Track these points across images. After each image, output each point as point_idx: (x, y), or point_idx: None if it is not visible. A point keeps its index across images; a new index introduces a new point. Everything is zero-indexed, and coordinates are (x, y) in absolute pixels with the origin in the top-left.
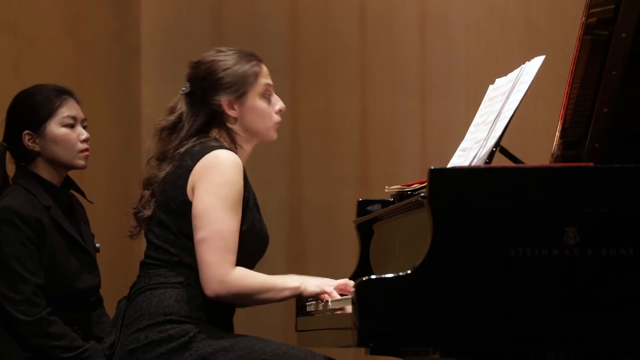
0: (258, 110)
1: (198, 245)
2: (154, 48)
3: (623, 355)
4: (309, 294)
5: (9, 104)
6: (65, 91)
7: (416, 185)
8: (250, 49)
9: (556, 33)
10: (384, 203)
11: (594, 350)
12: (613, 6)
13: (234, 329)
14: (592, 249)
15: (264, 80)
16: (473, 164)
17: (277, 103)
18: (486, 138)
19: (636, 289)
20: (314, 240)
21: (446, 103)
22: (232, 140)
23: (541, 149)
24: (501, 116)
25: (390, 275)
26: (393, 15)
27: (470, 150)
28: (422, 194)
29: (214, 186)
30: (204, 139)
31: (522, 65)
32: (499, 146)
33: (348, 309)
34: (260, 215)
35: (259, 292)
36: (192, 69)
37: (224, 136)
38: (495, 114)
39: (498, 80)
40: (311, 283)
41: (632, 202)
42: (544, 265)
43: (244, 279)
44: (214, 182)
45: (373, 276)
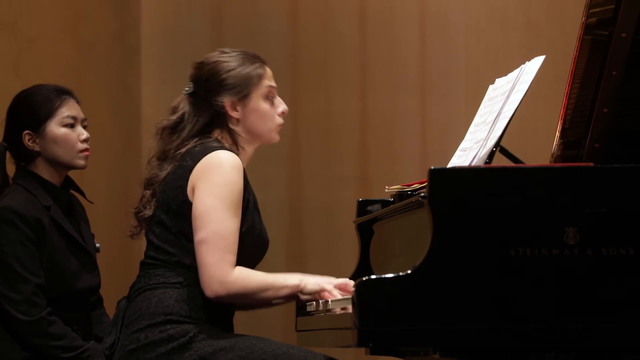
0: (261, 112)
1: (198, 246)
2: (154, 48)
3: (623, 355)
4: (308, 292)
5: (9, 104)
6: (65, 91)
7: (416, 185)
8: (250, 49)
9: (556, 33)
10: (384, 203)
11: (594, 350)
12: (613, 6)
13: (234, 329)
14: (592, 249)
15: (268, 82)
16: (473, 164)
17: (280, 105)
18: (486, 138)
19: (636, 289)
20: (314, 240)
21: (446, 103)
22: (234, 142)
23: (541, 149)
24: (501, 116)
25: (390, 275)
26: (393, 15)
27: (470, 150)
28: (422, 194)
29: (214, 187)
30: (205, 140)
31: (522, 65)
32: (499, 146)
33: (348, 308)
34: (260, 217)
35: (259, 292)
36: (196, 70)
37: (226, 137)
38: (495, 114)
39: (498, 80)
40: (311, 281)
41: (632, 202)
42: (544, 265)
43: (243, 280)
44: (214, 183)
45: (373, 276)
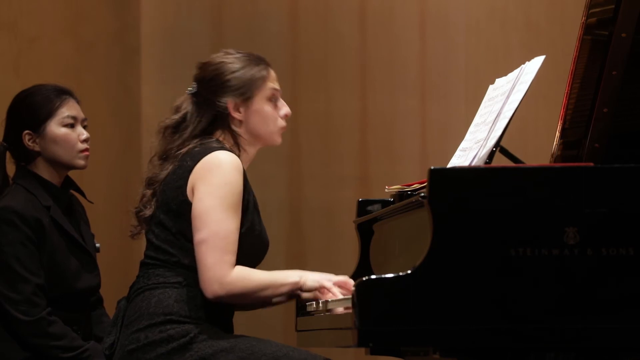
0: (263, 114)
1: (197, 246)
2: (154, 48)
3: (623, 355)
4: (307, 289)
5: (9, 104)
6: (65, 91)
7: (416, 185)
8: (250, 49)
9: (556, 33)
10: (384, 203)
11: (594, 350)
12: (613, 6)
13: (234, 330)
14: (592, 249)
15: (271, 84)
16: (473, 164)
17: (283, 108)
18: (486, 138)
19: (636, 289)
20: (314, 240)
21: (446, 103)
22: (236, 143)
23: (541, 149)
24: (501, 116)
25: (390, 275)
26: (393, 15)
27: (470, 150)
28: (422, 194)
29: (213, 187)
30: (205, 140)
31: (522, 65)
32: (499, 146)
33: (348, 309)
34: (260, 217)
35: (258, 291)
36: (200, 70)
37: (228, 138)
38: (495, 114)
39: (498, 80)
40: (310, 278)
41: (632, 202)
42: (544, 265)
43: (242, 279)
44: (214, 183)
45: (373, 276)
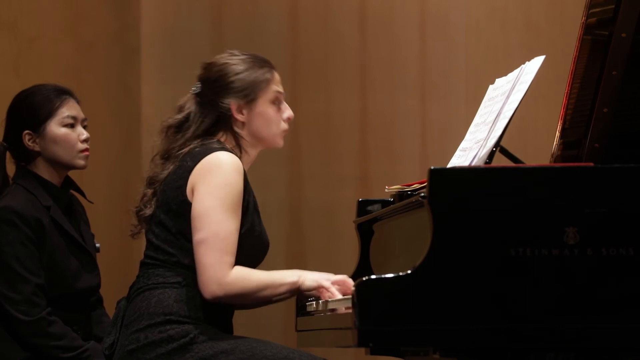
0: (266, 116)
1: (197, 247)
2: (154, 48)
3: (623, 355)
4: (306, 289)
5: (9, 104)
6: (65, 91)
7: (416, 185)
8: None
9: (556, 33)
10: (384, 203)
11: (594, 350)
12: (613, 6)
13: (234, 330)
14: (592, 249)
15: (275, 87)
16: (473, 164)
17: (286, 111)
18: (486, 138)
19: (636, 289)
20: (314, 240)
21: (446, 103)
22: (237, 144)
23: (541, 149)
24: (501, 116)
25: (390, 275)
26: (393, 15)
27: (470, 150)
28: (422, 194)
29: (213, 187)
30: (206, 141)
31: (522, 65)
32: (499, 146)
33: (348, 309)
34: (260, 218)
35: (257, 291)
36: (204, 70)
37: (230, 139)
38: (495, 114)
39: (498, 80)
40: (309, 278)
41: (632, 202)
42: (544, 265)
43: (241, 280)
44: (214, 184)
45: (373, 276)
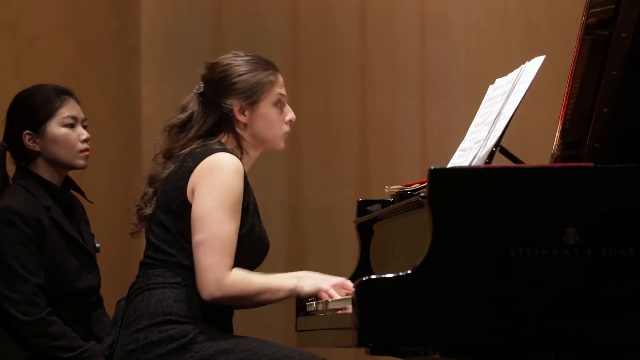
0: (268, 118)
1: (196, 248)
2: (154, 48)
3: (623, 355)
4: (305, 294)
5: (9, 104)
6: (65, 91)
7: (416, 185)
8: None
9: (556, 33)
10: (384, 203)
11: (594, 350)
12: (613, 6)
13: (234, 330)
14: (592, 249)
15: (279, 90)
16: (473, 164)
17: (289, 114)
18: (486, 138)
19: (636, 289)
20: (314, 240)
21: (446, 103)
22: (239, 145)
23: (541, 149)
24: (501, 116)
25: (390, 275)
26: (393, 15)
27: (470, 150)
28: (422, 194)
29: (214, 189)
30: (207, 142)
31: (522, 65)
32: (499, 146)
33: (348, 309)
34: (260, 220)
35: (255, 295)
36: (208, 70)
37: (231, 140)
38: (495, 114)
39: (498, 80)
40: (308, 283)
41: (632, 202)
42: (544, 265)
43: (240, 283)
44: (214, 185)
45: (373, 276)
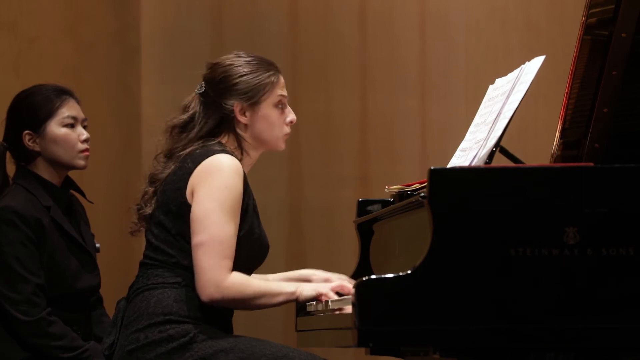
0: (269, 119)
1: (195, 249)
2: (154, 48)
3: (623, 355)
4: (304, 298)
5: (9, 104)
6: (65, 91)
7: (416, 185)
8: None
9: (556, 33)
10: (384, 203)
11: (594, 350)
12: (613, 6)
13: (234, 330)
14: (592, 249)
15: (280, 91)
16: (473, 164)
17: (290, 115)
18: (486, 138)
19: (636, 289)
20: (314, 240)
21: (446, 103)
22: (239, 146)
23: (541, 149)
24: (501, 116)
25: (390, 275)
26: (393, 15)
27: (470, 150)
28: (422, 194)
29: (213, 190)
30: (208, 143)
31: (522, 65)
32: (499, 146)
33: (348, 309)
34: (259, 221)
35: (254, 298)
36: (210, 70)
37: (232, 141)
38: (495, 114)
39: (498, 80)
40: (307, 287)
41: (632, 202)
42: (544, 265)
43: (239, 285)
44: (214, 186)
45: (373, 276)
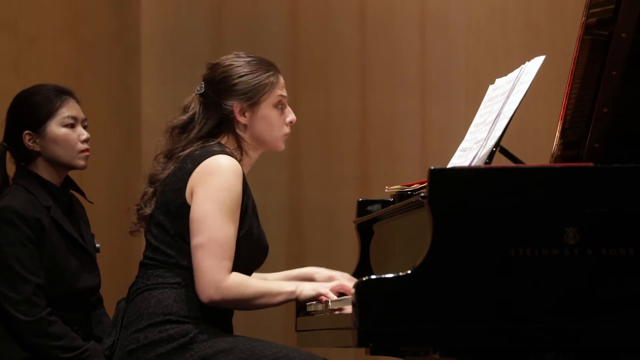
0: (269, 120)
1: (194, 250)
2: (154, 48)
3: (623, 355)
4: (304, 298)
5: (9, 104)
6: (65, 91)
7: (416, 185)
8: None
9: (556, 33)
10: (384, 203)
11: (594, 350)
12: (613, 6)
13: (234, 330)
14: (592, 249)
15: (279, 92)
16: (473, 164)
17: (289, 115)
18: (486, 138)
19: (636, 289)
20: (314, 240)
21: (446, 103)
22: (239, 147)
23: (541, 149)
24: (501, 116)
25: (390, 275)
26: (393, 15)
27: (470, 151)
28: (422, 194)
29: (212, 191)
30: (207, 143)
31: (522, 65)
32: (499, 146)
33: (348, 309)
34: (258, 222)
35: (254, 299)
36: (209, 71)
37: (231, 141)
38: (495, 114)
39: (498, 80)
40: (307, 287)
41: (632, 202)
42: (544, 265)
43: (238, 286)
44: (213, 187)
45: (373, 276)
